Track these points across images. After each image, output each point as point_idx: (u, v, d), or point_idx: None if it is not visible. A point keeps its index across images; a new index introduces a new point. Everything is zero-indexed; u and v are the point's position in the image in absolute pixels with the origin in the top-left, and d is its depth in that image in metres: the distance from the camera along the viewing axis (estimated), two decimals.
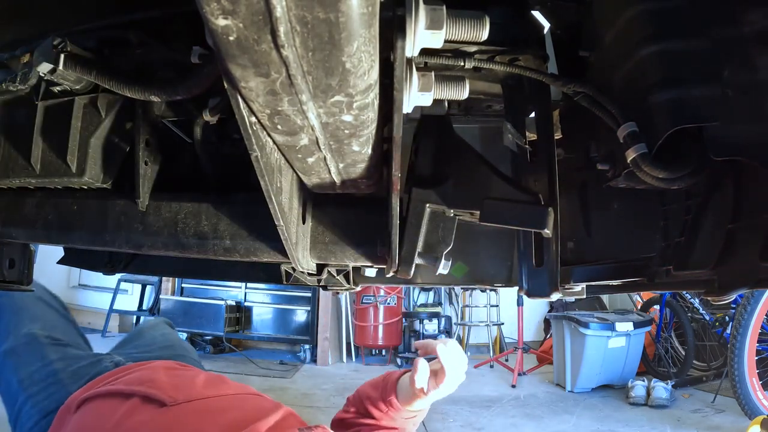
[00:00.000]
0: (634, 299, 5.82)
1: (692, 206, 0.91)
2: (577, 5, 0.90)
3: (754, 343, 3.62)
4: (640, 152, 0.73)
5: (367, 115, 0.55)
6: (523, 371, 5.30)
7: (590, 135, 0.94)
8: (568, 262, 1.09)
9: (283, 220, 0.73)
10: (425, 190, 0.80)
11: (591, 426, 3.73)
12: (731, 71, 0.70)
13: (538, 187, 0.83)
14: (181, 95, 0.78)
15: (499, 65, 0.80)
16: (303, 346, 5.60)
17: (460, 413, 3.94)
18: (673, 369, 4.87)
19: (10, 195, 1.02)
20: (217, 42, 0.40)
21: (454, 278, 1.16)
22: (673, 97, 0.72)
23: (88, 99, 0.92)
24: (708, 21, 0.73)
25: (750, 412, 3.51)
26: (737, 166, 0.80)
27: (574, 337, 4.60)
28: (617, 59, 0.81)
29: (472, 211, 0.79)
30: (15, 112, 0.97)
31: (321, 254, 0.92)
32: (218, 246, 0.91)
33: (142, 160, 0.93)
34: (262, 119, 0.55)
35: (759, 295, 3.56)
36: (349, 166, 0.72)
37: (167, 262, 1.43)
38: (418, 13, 0.49)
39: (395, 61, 0.51)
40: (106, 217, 0.95)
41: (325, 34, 0.38)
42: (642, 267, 0.99)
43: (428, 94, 0.60)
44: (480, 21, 0.57)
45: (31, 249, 1.32)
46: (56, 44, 0.82)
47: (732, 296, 0.82)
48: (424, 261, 0.80)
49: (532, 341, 6.40)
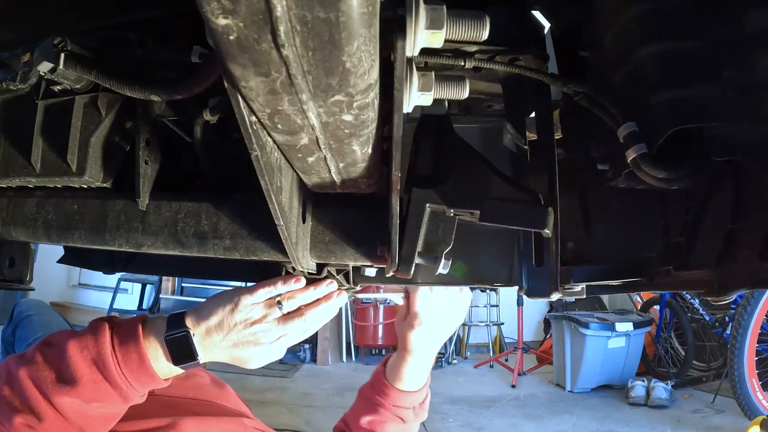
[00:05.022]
0: (634, 299, 5.83)
1: (692, 206, 0.91)
2: (577, 5, 0.90)
3: (753, 344, 3.63)
4: (640, 152, 0.73)
5: (367, 115, 0.55)
6: (523, 371, 5.30)
7: (590, 135, 0.94)
8: (568, 262, 1.09)
9: (283, 219, 0.73)
10: (425, 190, 0.80)
11: (591, 426, 3.73)
12: (731, 71, 0.70)
13: (538, 187, 0.83)
14: (181, 95, 0.78)
15: (499, 65, 0.80)
16: (303, 346, 5.61)
17: (460, 413, 3.94)
18: (673, 369, 4.87)
19: (10, 194, 1.02)
20: (217, 41, 0.40)
21: (454, 278, 1.15)
22: (673, 97, 0.72)
23: (89, 98, 0.92)
24: (708, 21, 0.73)
25: (750, 413, 3.51)
26: (737, 166, 0.80)
27: (574, 337, 4.60)
28: (617, 59, 0.81)
29: (472, 210, 0.79)
30: (15, 112, 0.97)
31: (321, 254, 0.92)
32: (218, 245, 0.91)
33: (143, 159, 0.93)
34: (262, 119, 0.55)
35: (759, 295, 3.56)
36: (349, 165, 0.72)
37: (167, 262, 1.43)
38: (419, 12, 0.49)
39: (395, 61, 0.51)
40: (106, 216, 0.95)
41: (325, 33, 0.38)
42: (642, 267, 0.99)
43: (428, 93, 0.60)
44: (480, 21, 0.57)
45: (31, 248, 1.32)
46: (56, 43, 0.82)
47: (732, 296, 0.82)
48: (424, 261, 0.80)
49: (532, 341, 6.40)
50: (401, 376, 1.04)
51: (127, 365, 0.74)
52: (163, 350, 0.77)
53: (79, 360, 0.73)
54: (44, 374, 0.72)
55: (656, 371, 4.92)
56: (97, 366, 0.73)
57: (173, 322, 0.79)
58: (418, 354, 1.03)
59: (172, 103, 0.91)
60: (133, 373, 0.74)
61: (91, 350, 0.74)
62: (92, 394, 0.73)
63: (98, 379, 0.73)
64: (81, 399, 0.72)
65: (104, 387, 0.73)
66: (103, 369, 0.73)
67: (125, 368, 0.74)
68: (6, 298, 4.37)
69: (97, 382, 0.73)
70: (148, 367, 0.75)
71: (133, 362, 0.74)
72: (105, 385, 0.73)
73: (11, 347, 1.62)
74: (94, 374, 0.73)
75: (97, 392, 0.73)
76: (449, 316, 1.03)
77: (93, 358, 0.74)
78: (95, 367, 0.73)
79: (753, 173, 0.78)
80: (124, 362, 0.74)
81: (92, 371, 0.73)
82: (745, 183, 0.79)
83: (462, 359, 6.22)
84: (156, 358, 0.76)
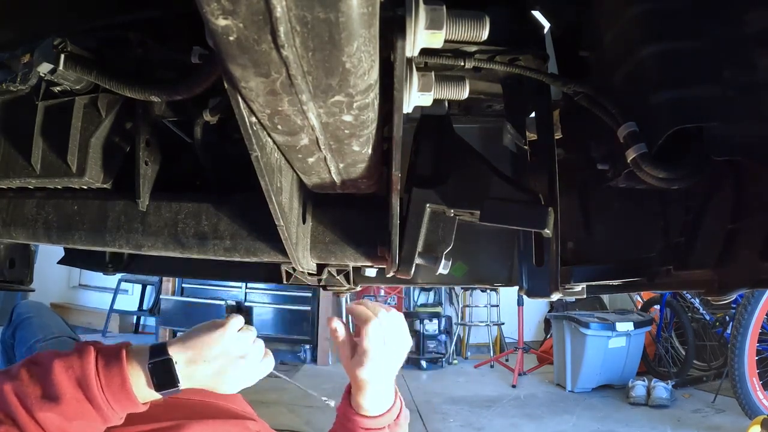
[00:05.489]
0: (634, 299, 5.82)
1: (692, 206, 0.90)
2: (577, 5, 0.90)
3: (754, 343, 3.62)
4: (640, 152, 0.73)
5: (367, 115, 0.55)
6: (524, 371, 5.30)
7: (590, 135, 0.94)
8: (568, 262, 1.09)
9: (283, 220, 0.73)
10: (425, 190, 0.80)
11: (591, 426, 3.73)
12: (731, 71, 0.70)
13: (538, 187, 0.83)
14: (181, 95, 0.78)
15: (499, 65, 0.80)
16: (303, 346, 5.60)
17: (460, 413, 3.94)
18: (674, 369, 4.87)
19: (10, 195, 1.02)
20: (217, 42, 0.40)
21: (455, 278, 1.15)
22: (673, 97, 0.72)
23: (89, 99, 0.92)
24: (708, 21, 0.73)
25: (750, 412, 3.51)
26: (737, 166, 0.80)
27: (575, 337, 4.60)
28: (617, 59, 0.81)
29: (472, 211, 0.79)
30: (15, 112, 0.97)
31: (321, 254, 0.92)
32: (218, 246, 0.90)
33: (143, 160, 0.93)
34: (262, 119, 0.55)
35: (759, 295, 3.55)
36: (350, 166, 0.72)
37: (167, 262, 1.43)
38: (418, 13, 0.49)
39: (395, 61, 0.51)
40: (106, 217, 0.95)
41: (325, 34, 0.38)
42: (642, 267, 0.99)
43: (428, 94, 0.60)
44: (480, 21, 0.57)
45: (31, 249, 1.32)
46: (56, 44, 0.82)
47: (732, 296, 0.82)
48: (424, 261, 0.80)
49: (532, 341, 6.40)
50: (363, 406, 0.98)
51: (109, 387, 0.77)
52: (145, 375, 0.79)
53: (64, 378, 0.75)
54: (29, 390, 0.75)
55: (657, 371, 4.92)
56: (81, 386, 0.76)
57: (156, 351, 0.82)
58: (374, 388, 0.96)
59: (172, 103, 0.91)
60: (114, 395, 0.77)
61: (76, 370, 0.76)
62: (74, 412, 0.75)
63: (81, 397, 0.75)
64: (63, 416, 0.74)
65: (86, 406, 0.76)
66: (86, 389, 0.76)
67: (107, 390, 0.76)
68: (6, 300, 4.36)
69: (79, 401, 0.75)
70: (129, 390, 0.77)
71: (115, 385, 0.77)
72: (86, 405, 0.76)
73: (11, 349, 1.62)
74: (77, 393, 0.75)
75: (79, 410, 0.75)
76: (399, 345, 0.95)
77: (77, 377, 0.76)
78: (78, 386, 0.76)
79: (753, 173, 0.78)
80: (106, 384, 0.76)
81: (75, 390, 0.75)
82: (745, 183, 0.79)
83: (462, 359, 6.22)
84: (137, 383, 0.78)
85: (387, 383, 0.99)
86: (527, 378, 5.28)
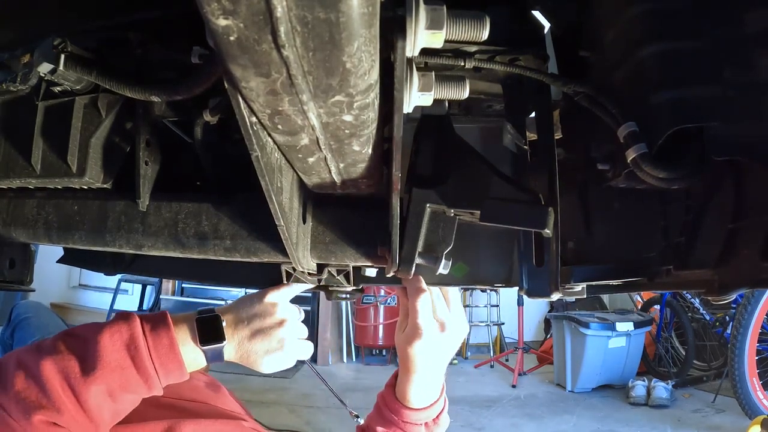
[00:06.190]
0: (634, 299, 5.83)
1: (692, 206, 0.91)
2: (577, 5, 0.90)
3: (754, 343, 3.63)
4: (640, 152, 0.73)
5: (368, 115, 0.55)
6: (524, 371, 5.30)
7: (590, 135, 0.94)
8: (568, 262, 1.09)
9: (283, 220, 0.73)
10: (425, 190, 0.80)
11: (591, 426, 3.73)
12: (731, 71, 0.71)
13: (538, 187, 0.83)
14: (181, 95, 0.78)
15: (499, 65, 0.80)
16: None
17: (460, 413, 3.94)
18: (674, 369, 4.87)
19: (10, 195, 1.02)
20: (217, 42, 0.40)
21: (455, 278, 1.15)
22: (673, 97, 0.72)
23: (89, 99, 0.92)
24: (708, 21, 0.73)
25: (750, 412, 3.51)
26: (737, 166, 0.80)
27: (575, 337, 4.60)
28: (617, 59, 0.81)
29: (472, 211, 0.79)
30: (15, 113, 0.97)
31: (321, 254, 0.92)
32: (219, 246, 0.91)
33: (143, 160, 0.93)
34: (262, 119, 0.55)
35: (759, 295, 3.56)
36: (350, 166, 0.72)
37: (168, 263, 1.43)
38: (419, 13, 0.49)
39: (395, 61, 0.51)
40: (106, 217, 0.95)
41: (325, 34, 0.38)
42: (642, 267, 0.99)
43: (428, 94, 0.60)
44: (480, 21, 0.57)
45: (31, 249, 1.32)
46: (56, 44, 0.82)
47: (732, 296, 0.82)
48: (425, 261, 0.80)
49: (532, 341, 6.40)
50: (407, 395, 0.96)
51: (157, 350, 0.76)
52: (191, 332, 0.79)
53: (108, 345, 0.74)
54: (70, 363, 0.73)
55: (657, 371, 4.92)
56: (129, 350, 0.75)
57: (204, 311, 0.84)
58: (422, 373, 0.94)
59: (172, 103, 0.91)
60: (161, 359, 0.76)
61: (124, 334, 0.76)
62: (118, 382, 0.74)
63: (126, 365, 0.74)
64: (106, 387, 0.73)
65: (131, 373, 0.74)
66: (134, 352, 0.75)
67: (154, 353, 0.76)
68: (5, 300, 4.36)
69: (124, 368, 0.74)
70: (176, 352, 0.77)
71: (163, 347, 0.76)
72: (131, 372, 0.74)
73: (10, 349, 1.62)
74: (122, 359, 0.74)
75: (124, 379, 0.74)
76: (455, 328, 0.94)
77: (126, 341, 0.75)
78: (126, 351, 0.75)
79: (753, 173, 0.78)
80: (153, 347, 0.76)
81: (121, 356, 0.74)
82: (745, 183, 0.79)
83: (462, 359, 6.22)
84: (184, 343, 0.78)
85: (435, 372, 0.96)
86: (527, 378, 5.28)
